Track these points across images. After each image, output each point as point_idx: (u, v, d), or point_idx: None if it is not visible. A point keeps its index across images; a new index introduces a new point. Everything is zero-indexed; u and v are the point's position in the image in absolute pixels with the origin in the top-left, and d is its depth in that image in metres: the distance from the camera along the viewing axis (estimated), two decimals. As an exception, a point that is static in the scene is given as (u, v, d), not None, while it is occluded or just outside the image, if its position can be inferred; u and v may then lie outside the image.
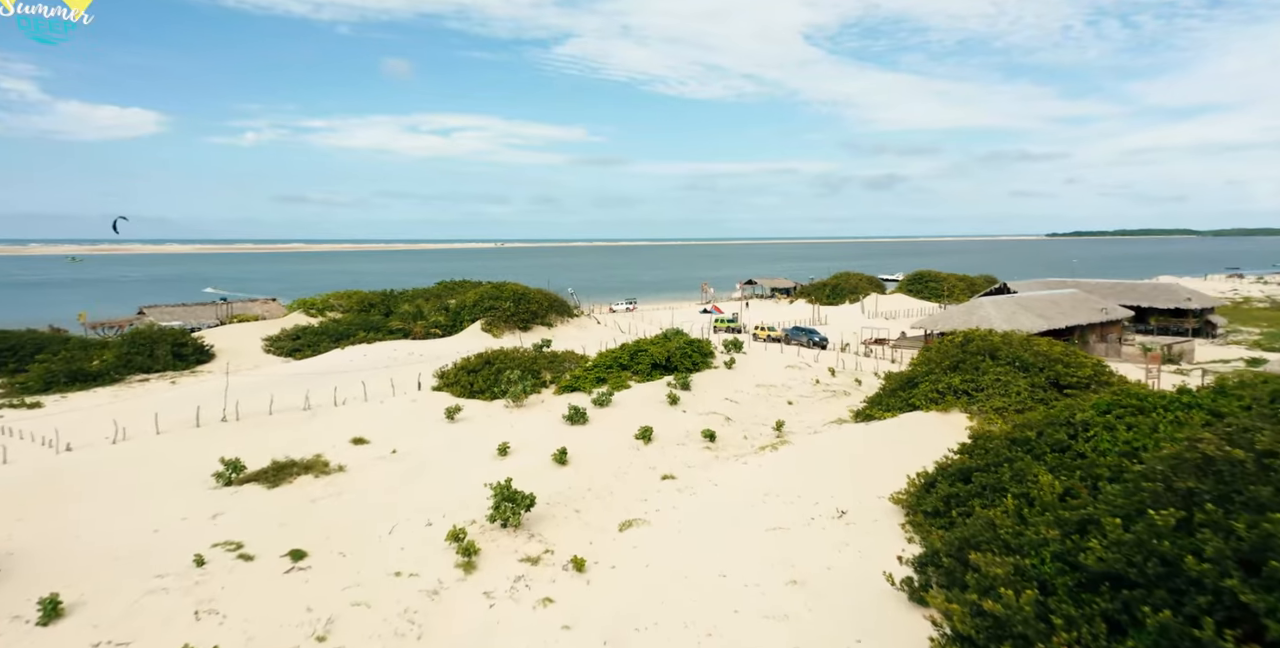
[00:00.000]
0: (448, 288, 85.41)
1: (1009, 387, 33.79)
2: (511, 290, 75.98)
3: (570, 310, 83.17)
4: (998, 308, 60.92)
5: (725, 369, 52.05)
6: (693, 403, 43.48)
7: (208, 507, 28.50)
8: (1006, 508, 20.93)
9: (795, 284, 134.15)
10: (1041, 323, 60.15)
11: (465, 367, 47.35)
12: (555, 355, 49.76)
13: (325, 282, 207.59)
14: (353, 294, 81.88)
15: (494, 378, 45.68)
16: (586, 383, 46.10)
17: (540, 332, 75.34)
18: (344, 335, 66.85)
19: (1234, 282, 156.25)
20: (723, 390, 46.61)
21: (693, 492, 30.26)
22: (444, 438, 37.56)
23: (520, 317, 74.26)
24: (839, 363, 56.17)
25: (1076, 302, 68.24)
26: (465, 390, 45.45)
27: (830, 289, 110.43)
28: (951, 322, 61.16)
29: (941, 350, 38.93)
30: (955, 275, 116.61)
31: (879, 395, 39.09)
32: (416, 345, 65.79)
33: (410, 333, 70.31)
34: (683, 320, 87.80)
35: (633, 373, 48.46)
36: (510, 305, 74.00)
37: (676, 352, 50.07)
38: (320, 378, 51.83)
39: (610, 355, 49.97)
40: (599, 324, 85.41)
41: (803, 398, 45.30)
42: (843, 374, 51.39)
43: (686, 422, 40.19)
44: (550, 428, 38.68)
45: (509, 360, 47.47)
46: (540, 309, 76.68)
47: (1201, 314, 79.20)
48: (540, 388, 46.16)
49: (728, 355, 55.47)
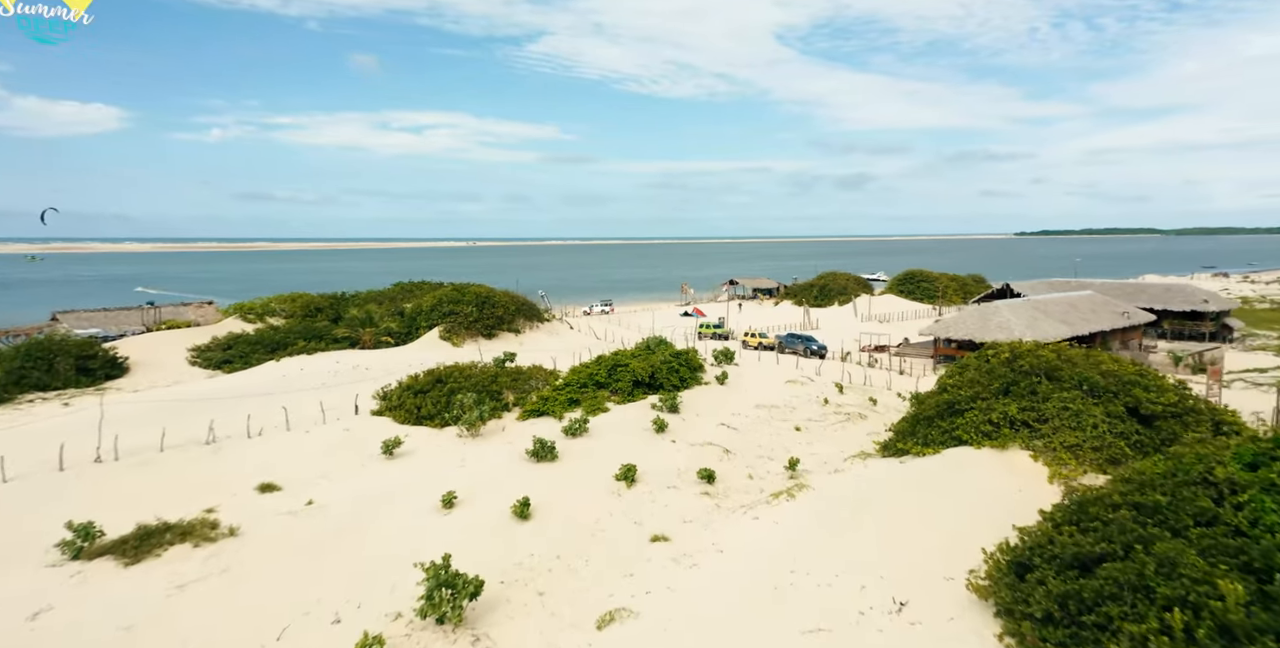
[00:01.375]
0: (404, 290, 77.48)
1: (1081, 418, 27.18)
2: (474, 293, 68.38)
3: (540, 314, 75.77)
4: (1015, 313, 54.72)
5: (717, 386, 45.12)
6: (683, 430, 36.44)
7: (31, 597, 20.82)
8: (1171, 629, 14.27)
9: (778, 284, 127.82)
10: (1064, 329, 54.12)
11: (412, 387, 39.84)
12: (520, 372, 42.44)
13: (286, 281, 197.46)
14: (297, 297, 73.65)
15: (445, 401, 38.26)
16: (556, 406, 38.87)
17: (506, 339, 67.85)
18: (281, 345, 58.82)
19: (1221, 281, 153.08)
20: (717, 413, 39.64)
21: (693, 562, 23.21)
22: (377, 482, 30.10)
23: (484, 323, 66.70)
24: (844, 376, 49.49)
25: (1096, 305, 62.38)
26: (411, 416, 37.98)
27: (818, 290, 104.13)
28: (965, 327, 54.87)
29: (983, 369, 32.27)
30: (947, 275, 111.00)
31: (909, 423, 32.33)
32: (364, 356, 57.97)
33: (359, 341, 62.48)
34: (664, 326, 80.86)
35: (611, 392, 41.31)
36: (473, 310, 66.41)
37: (662, 366, 43.01)
38: (241, 399, 43.96)
39: (585, 371, 42.77)
40: (572, 329, 78.10)
41: (811, 423, 38.46)
42: (852, 391, 44.68)
43: (677, 456, 33.14)
44: (511, 466, 31.42)
45: (464, 379, 40.04)
46: (507, 314, 69.20)
47: (1218, 317, 73.98)
48: (501, 412, 38.83)
49: (719, 369, 48.55)
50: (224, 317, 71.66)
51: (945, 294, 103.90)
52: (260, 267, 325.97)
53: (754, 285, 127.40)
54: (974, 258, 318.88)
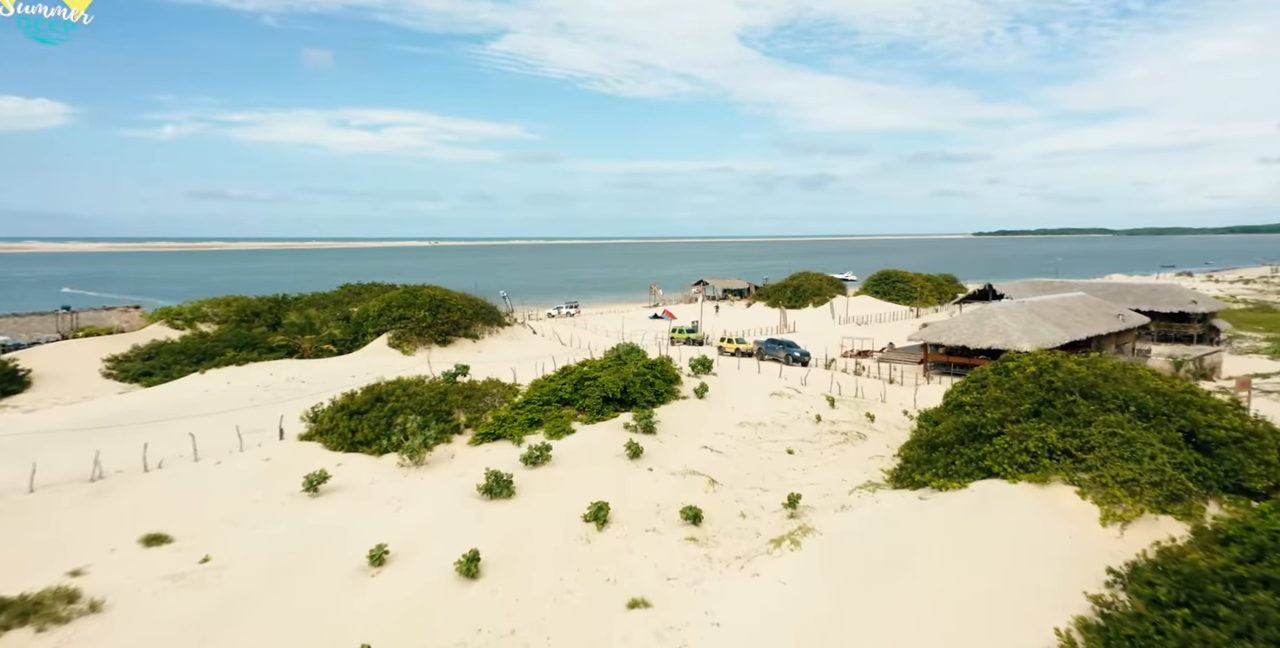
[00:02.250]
0: (351, 293, 71.43)
1: (1134, 446, 23.09)
2: (427, 296, 62.78)
3: (500, 318, 70.41)
4: (1012, 317, 51.08)
5: (696, 400, 40.49)
6: (661, 455, 31.71)
7: None
8: None
9: (749, 285, 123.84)
10: (1061, 334, 50.64)
11: (347, 407, 34.46)
12: (473, 388, 37.25)
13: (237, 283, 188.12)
14: (232, 300, 67.22)
15: (386, 423, 32.99)
16: (515, 428, 33.84)
17: (463, 346, 62.42)
18: (208, 355, 52.68)
19: (1186, 280, 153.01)
20: (698, 433, 34.99)
21: (682, 642, 18.48)
22: (294, 530, 24.82)
23: (438, 328, 61.19)
24: (833, 386, 45.24)
25: (1090, 307, 59.20)
26: (344, 441, 32.65)
27: (792, 291, 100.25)
28: (958, 332, 51.08)
29: (1005, 384, 28.12)
30: (922, 275, 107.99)
31: (924, 449, 28.03)
32: (303, 367, 52.15)
33: (298, 350, 56.57)
34: (633, 329, 76.10)
35: (578, 410, 36.42)
36: (425, 315, 60.84)
37: (635, 380, 38.23)
38: (150, 421, 38.10)
39: (548, 386, 37.79)
40: (535, 334, 72.89)
41: (805, 444, 33.99)
42: (845, 405, 40.41)
43: (656, 488, 28.41)
44: (458, 506, 26.39)
45: (408, 397, 34.76)
46: (463, 318, 63.77)
47: (1205, 318, 71.57)
48: (451, 435, 33.68)
49: (696, 380, 43.95)
50: (148, 322, 65.01)
51: (922, 295, 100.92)
52: (211, 267, 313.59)
53: (724, 286, 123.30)
54: (937, 257, 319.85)
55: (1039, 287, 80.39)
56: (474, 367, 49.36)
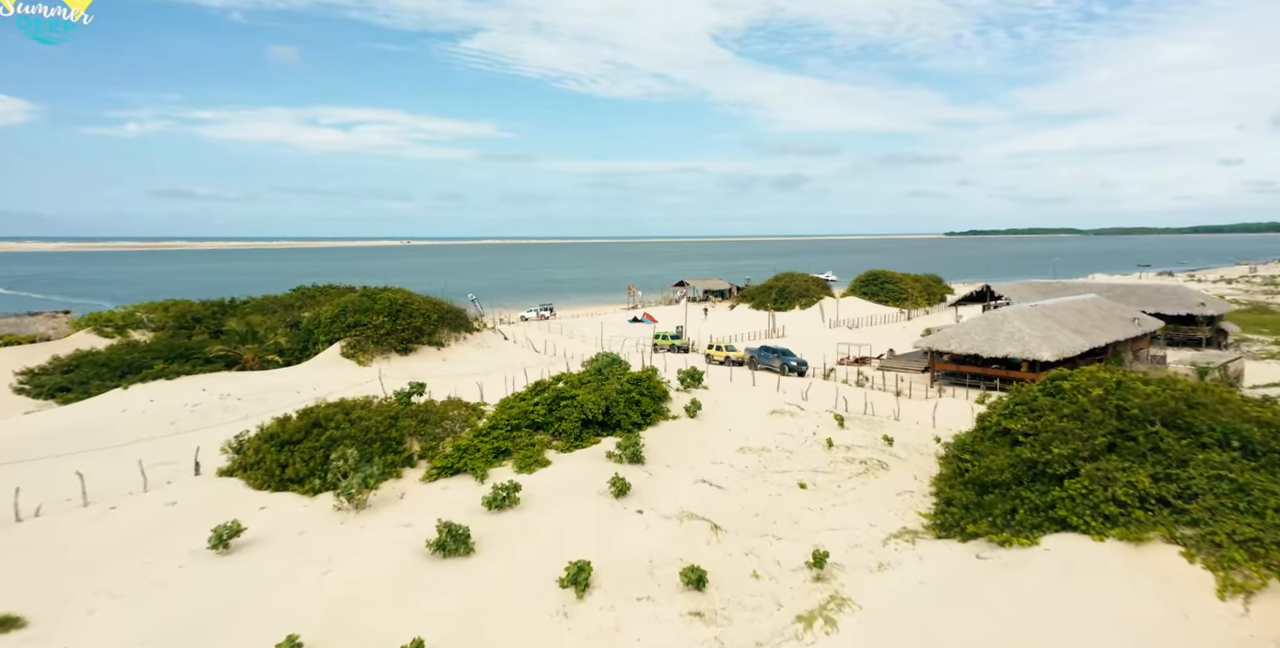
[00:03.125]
0: (305, 296, 65.41)
1: (1250, 495, 18.60)
2: (386, 300, 57.11)
3: (468, 324, 64.92)
4: (1028, 322, 46.79)
5: (688, 419, 35.57)
6: (652, 492, 26.72)
7: None
8: None
9: (731, 286, 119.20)
10: (1081, 340, 46.45)
11: (277, 436, 28.95)
12: (430, 409, 31.87)
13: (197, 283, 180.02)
14: (171, 305, 60.99)
15: (323, 455, 27.62)
16: (478, 459, 28.62)
17: (426, 355, 56.88)
18: (134, 367, 46.60)
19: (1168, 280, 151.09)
20: (693, 462, 30.05)
21: None
22: (187, 607, 19.42)
23: (398, 336, 55.59)
24: (838, 401, 40.53)
25: (1104, 311, 55.23)
26: (272, 478, 27.24)
27: (777, 292, 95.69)
28: (971, 339, 46.67)
29: (1061, 409, 23.50)
30: (910, 276, 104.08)
31: (972, 489, 23.29)
32: (241, 382, 46.33)
33: (239, 361, 50.65)
34: (612, 335, 71.00)
35: (553, 436, 31.29)
36: (384, 321, 55.18)
37: (618, 399, 33.18)
38: (44, 449, 32.29)
39: (518, 407, 32.59)
40: (506, 341, 67.48)
41: (818, 475, 29.15)
42: (856, 424, 35.66)
43: (648, 537, 23.41)
44: (403, 568, 21.17)
45: (351, 423, 29.34)
46: (427, 324, 58.20)
47: (1213, 321, 68.18)
48: (401, 469, 28.39)
49: (686, 395, 39.07)
50: (74, 330, 58.56)
51: (911, 296, 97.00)
52: (174, 267, 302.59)
53: (705, 287, 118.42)
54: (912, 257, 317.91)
55: (1037, 287, 76.63)
56: (436, 381, 44.08)
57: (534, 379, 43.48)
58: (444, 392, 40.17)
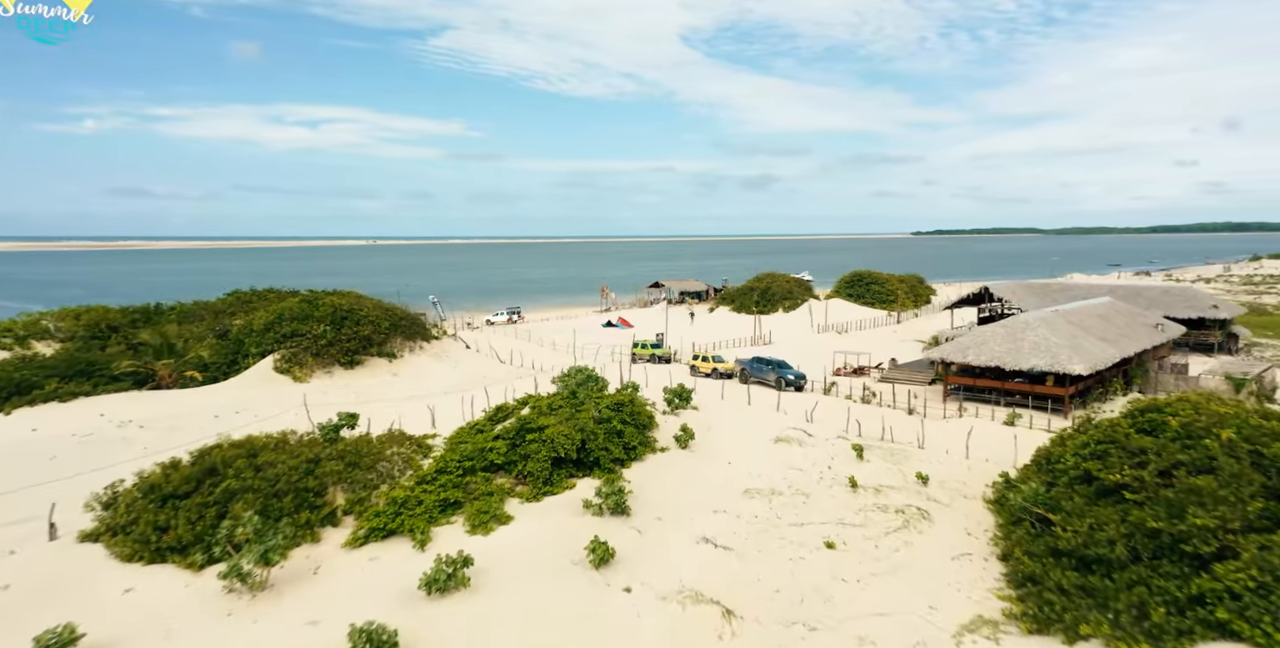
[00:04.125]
0: (240, 301, 58.34)
1: None
2: (330, 306, 50.46)
3: (425, 331, 58.44)
4: (1053, 330, 41.80)
5: (679, 451, 29.84)
6: (642, 560, 20.89)
7: None
8: None
9: (708, 287, 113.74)
10: (1111, 350, 41.60)
11: (159, 487, 22.56)
12: (363, 448, 25.64)
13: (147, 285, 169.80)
14: (84, 312, 53.66)
15: (217, 514, 21.35)
16: (419, 517, 22.54)
17: (375, 368, 50.34)
18: (21, 387, 39.47)
19: (1145, 279, 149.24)
20: (691, 511, 24.29)
21: None
22: None
23: (343, 346, 48.98)
24: (849, 424, 35.05)
25: (1126, 316, 50.64)
26: (147, 545, 20.93)
27: (759, 294, 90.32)
28: (990, 349, 41.52)
29: (1165, 450, 18.14)
30: (895, 277, 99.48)
31: (1063, 565, 17.76)
32: (148, 405, 39.46)
33: (155, 378, 43.76)
34: (585, 342, 64.97)
35: (516, 480, 25.33)
36: (326, 330, 48.53)
37: (597, 430, 27.28)
38: None
39: (474, 442, 26.57)
40: (469, 350, 61.09)
41: (847, 528, 23.52)
42: (877, 454, 30.15)
43: (640, 630, 17.59)
44: (302, 696, 15.05)
45: (255, 472, 23.01)
46: (377, 333, 51.65)
47: (1224, 325, 64.18)
48: (321, 529, 22.21)
49: (676, 419, 33.36)
50: (-32, 342, 50.94)
51: (899, 298, 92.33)
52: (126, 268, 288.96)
53: (681, 288, 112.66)
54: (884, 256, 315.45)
55: (1035, 289, 72.20)
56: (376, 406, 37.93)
57: (497, 400, 37.48)
58: (387, 418, 33.97)
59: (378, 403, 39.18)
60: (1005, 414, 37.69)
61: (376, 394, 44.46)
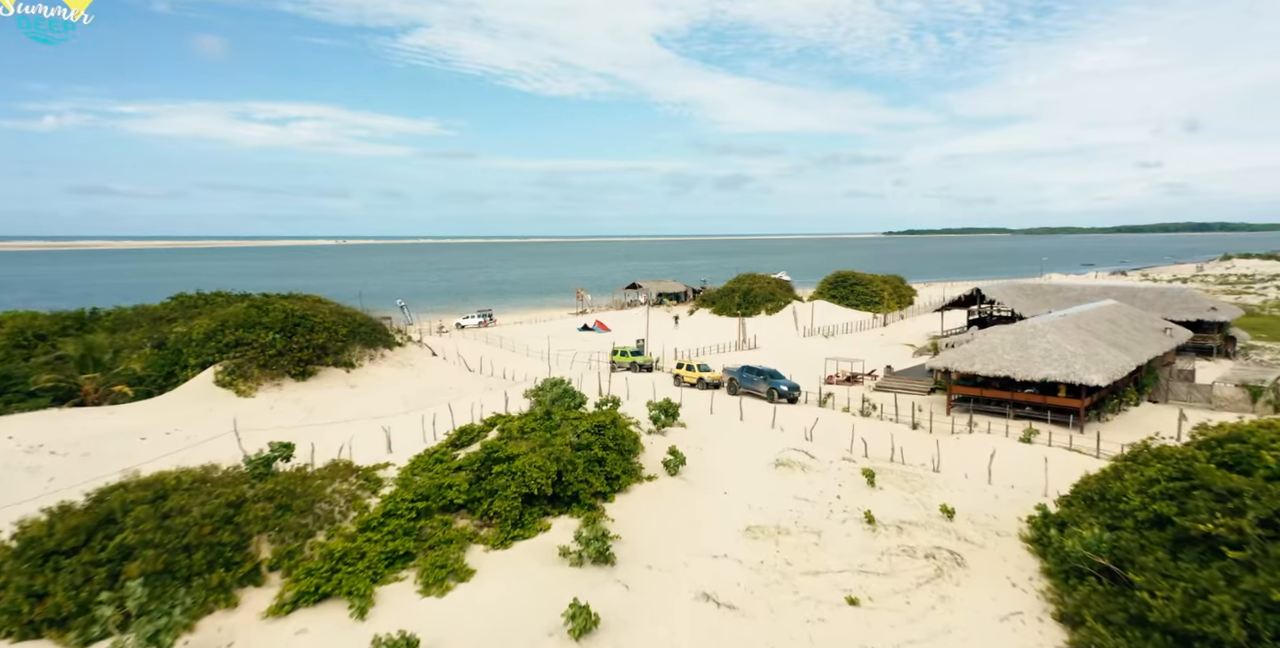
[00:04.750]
0: (184, 306, 53.65)
1: None
2: (281, 311, 46.14)
3: (388, 338, 54.26)
4: (1064, 336, 38.90)
5: (669, 479, 26.29)
6: (633, 626, 17.28)
7: None
8: None
9: (687, 288, 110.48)
10: (1125, 358, 38.81)
11: (39, 542, 18.45)
12: (296, 485, 21.68)
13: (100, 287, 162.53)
14: (9, 318, 48.61)
15: (105, 577, 17.33)
16: (360, 574, 18.68)
17: (330, 380, 46.12)
18: (-81, 408, 34.88)
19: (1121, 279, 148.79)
20: (686, 558, 20.70)
21: None
22: None
23: (295, 356, 44.70)
24: (854, 442, 31.73)
25: (1132, 320, 48.07)
26: (18, 619, 16.88)
27: (741, 296, 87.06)
28: (998, 357, 38.49)
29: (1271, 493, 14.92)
30: (879, 277, 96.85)
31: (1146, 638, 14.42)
32: (70, 424, 34.91)
33: (78, 393, 39.23)
34: (561, 348, 61.14)
35: (480, 521, 21.58)
36: (275, 338, 44.21)
37: (575, 458, 23.63)
38: None
39: (431, 477, 22.76)
40: (435, 357, 56.97)
41: (869, 577, 20.07)
42: (890, 481, 26.81)
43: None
44: None
45: (158, 523, 18.97)
46: (333, 340, 47.43)
47: (1223, 327, 62.12)
48: (239, 591, 18.27)
49: (663, 440, 29.79)
50: None
51: (884, 300, 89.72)
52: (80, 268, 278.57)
53: (659, 289, 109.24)
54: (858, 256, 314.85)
55: (1027, 290, 69.70)
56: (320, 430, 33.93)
57: (463, 418, 33.62)
58: (336, 442, 29.95)
59: (324, 426, 35.07)
60: (1020, 429, 34.62)
61: (329, 410, 40.34)
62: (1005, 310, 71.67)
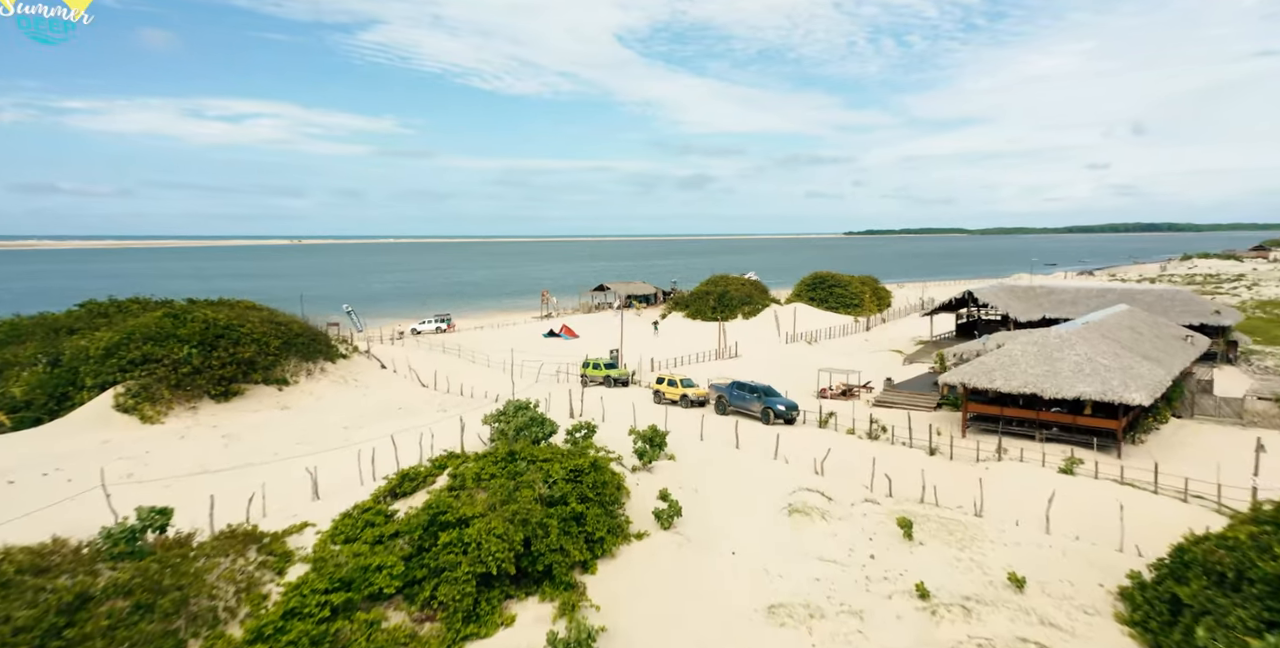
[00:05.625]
0: (92, 314, 46.79)
1: None
2: (201, 321, 39.94)
3: (330, 349, 48.19)
4: (1094, 347, 34.75)
5: (662, 534, 21.25)
6: None
7: None
8: None
9: (657, 290, 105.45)
10: (1160, 372, 34.76)
11: None
12: (164, 579, 16.02)
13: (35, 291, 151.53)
14: None
15: None
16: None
17: (258, 399, 40.03)
18: None
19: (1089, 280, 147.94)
20: (696, 661, 15.56)
21: None
22: None
23: (215, 373, 38.51)
24: (872, 477, 26.93)
25: (1154, 328, 44.37)
26: None
27: (716, 299, 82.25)
28: (1021, 372, 34.10)
29: None
30: (858, 279, 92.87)
31: None
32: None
33: (-55, 422, 32.72)
34: (526, 359, 55.43)
35: (422, 611, 16.20)
36: (192, 353, 38.00)
37: (548, 520, 18.34)
38: None
39: (359, 544, 17.29)
40: (385, 369, 50.99)
41: (942, 685, 15.15)
42: (931, 532, 22.05)
43: None
44: None
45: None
46: (264, 354, 41.33)
47: (1226, 332, 59.12)
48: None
49: (651, 479, 24.69)
50: None
51: (865, 303, 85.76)
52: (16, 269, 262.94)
53: (628, 291, 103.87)
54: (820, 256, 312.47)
55: (1019, 293, 66.17)
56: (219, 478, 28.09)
57: (410, 450, 28.09)
58: (247, 486, 24.15)
59: (235, 470, 29.12)
60: (1054, 455, 30.13)
61: (254, 437, 34.37)
62: (994, 314, 68.10)
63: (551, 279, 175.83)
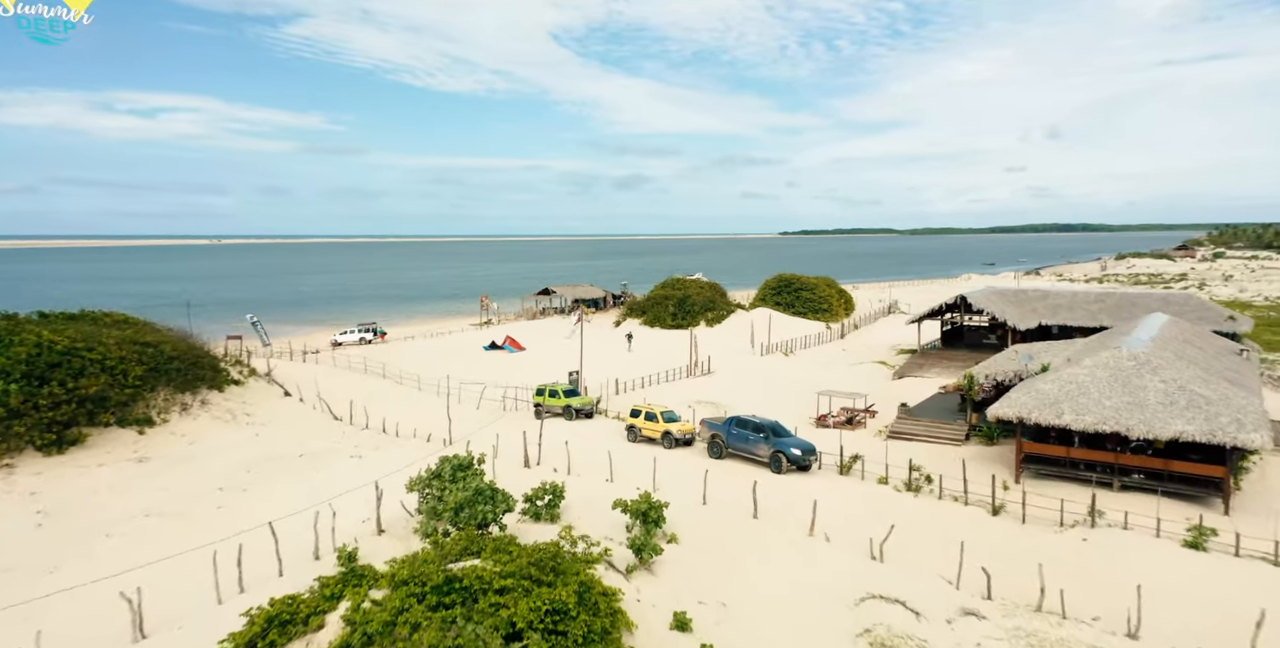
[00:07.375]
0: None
1: None
2: (31, 345, 30.06)
3: (218, 375, 38.43)
4: (1177, 369, 28.16)
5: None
6: None
7: None
8: None
9: (606, 294, 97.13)
10: (1256, 402, 28.39)
11: None
12: None
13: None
14: None
15: None
16: None
17: (107, 448, 30.18)
18: None
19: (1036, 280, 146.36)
20: None
21: None
22: None
23: (44, 416, 28.65)
24: (961, 564, 19.49)
25: (1204, 339, 38.42)
26: None
27: (675, 305, 74.40)
28: (1094, 403, 27.18)
29: None
30: (824, 281, 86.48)
31: None
32: None
33: None
34: (465, 380, 46.08)
35: None
36: (13, 389, 28.09)
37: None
38: None
39: None
40: (288, 398, 41.32)
41: None
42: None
43: None
44: None
45: None
46: (119, 386, 31.56)
47: (1237, 338, 54.40)
48: None
49: (651, 583, 16.60)
50: None
51: (834, 307, 79.43)
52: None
53: (575, 295, 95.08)
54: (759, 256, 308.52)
55: (1011, 297, 60.29)
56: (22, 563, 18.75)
57: (296, 548, 19.28)
58: (15, 623, 15.02)
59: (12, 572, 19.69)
60: (1191, 530, 22.54)
61: (82, 511, 24.83)
62: (977, 320, 62.44)
63: (490, 281, 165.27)
